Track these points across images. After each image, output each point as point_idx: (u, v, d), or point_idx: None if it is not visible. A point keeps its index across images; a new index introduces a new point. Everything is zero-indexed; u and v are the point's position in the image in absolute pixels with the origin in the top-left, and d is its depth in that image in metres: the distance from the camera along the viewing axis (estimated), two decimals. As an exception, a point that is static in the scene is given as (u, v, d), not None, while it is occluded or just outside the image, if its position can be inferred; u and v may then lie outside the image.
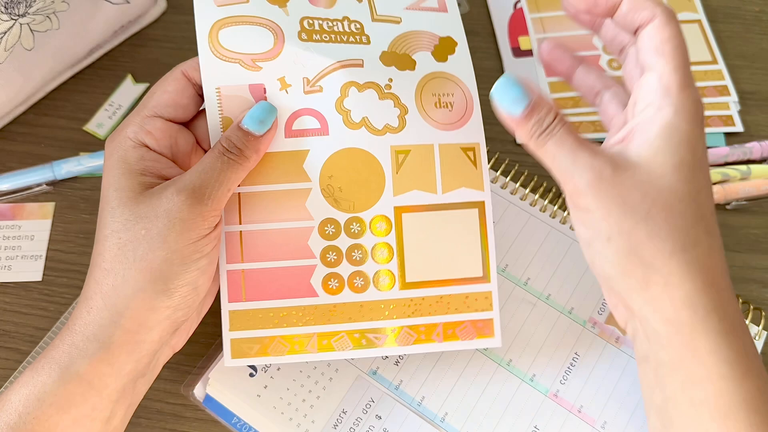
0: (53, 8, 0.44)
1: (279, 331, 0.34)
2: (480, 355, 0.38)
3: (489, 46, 0.52)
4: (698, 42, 0.50)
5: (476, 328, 0.34)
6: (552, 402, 0.37)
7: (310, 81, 0.34)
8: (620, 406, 0.37)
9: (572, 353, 0.38)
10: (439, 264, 0.34)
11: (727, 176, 0.45)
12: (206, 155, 0.32)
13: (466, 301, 0.34)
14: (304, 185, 0.33)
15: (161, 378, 0.39)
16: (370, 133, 0.33)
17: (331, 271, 0.34)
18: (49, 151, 0.47)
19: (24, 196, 0.45)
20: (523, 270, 0.40)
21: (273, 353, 0.34)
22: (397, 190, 0.34)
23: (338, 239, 0.34)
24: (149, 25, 0.52)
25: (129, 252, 0.30)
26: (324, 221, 0.34)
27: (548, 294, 0.39)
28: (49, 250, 0.43)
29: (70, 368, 0.30)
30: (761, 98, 0.50)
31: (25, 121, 0.48)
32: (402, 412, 0.36)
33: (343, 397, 0.37)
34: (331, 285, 0.34)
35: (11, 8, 0.42)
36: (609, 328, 0.39)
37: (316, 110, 0.33)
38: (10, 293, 0.42)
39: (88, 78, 0.50)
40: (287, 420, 0.36)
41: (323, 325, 0.34)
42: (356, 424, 0.36)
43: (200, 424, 0.38)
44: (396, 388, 0.37)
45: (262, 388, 0.37)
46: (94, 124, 0.48)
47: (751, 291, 0.42)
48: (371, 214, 0.34)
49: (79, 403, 0.30)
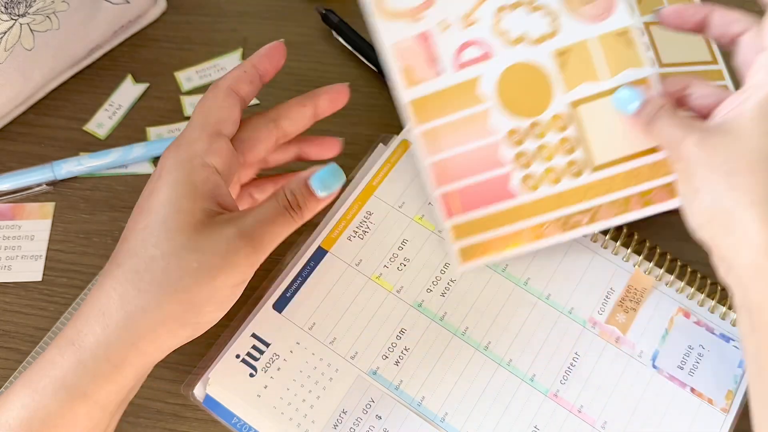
0: (53, 8, 0.44)
1: (494, 233, 0.39)
2: (480, 355, 0.38)
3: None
4: (698, 42, 0.50)
5: (668, 191, 0.37)
6: (552, 402, 0.37)
7: (466, 17, 0.38)
8: (620, 406, 0.37)
9: (572, 353, 0.38)
10: (623, 142, 0.37)
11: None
12: (267, 202, 0.32)
13: (653, 169, 0.37)
14: (482, 107, 0.38)
15: (161, 378, 0.39)
16: (529, 46, 0.37)
17: (525, 173, 0.38)
18: (49, 151, 0.47)
19: (24, 196, 0.45)
20: (523, 270, 0.40)
21: (494, 251, 0.39)
22: (567, 87, 0.37)
23: (524, 144, 0.38)
24: (149, 25, 0.52)
25: (174, 280, 0.30)
26: (508, 132, 0.38)
27: (548, 294, 0.39)
28: (49, 250, 0.43)
29: (78, 389, 0.29)
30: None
31: (25, 121, 0.48)
32: (402, 413, 0.36)
33: (343, 397, 0.37)
34: (529, 184, 0.38)
35: (11, 8, 0.42)
36: (609, 328, 0.39)
37: (477, 40, 0.38)
38: (9, 293, 0.42)
39: (88, 78, 0.50)
40: (287, 420, 0.36)
41: (530, 219, 0.38)
42: (356, 424, 0.36)
43: (200, 424, 0.38)
44: (396, 388, 0.37)
45: (262, 388, 0.37)
46: (94, 124, 0.48)
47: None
48: (549, 114, 0.38)
49: (83, 421, 0.30)
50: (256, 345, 0.37)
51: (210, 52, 0.51)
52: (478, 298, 0.39)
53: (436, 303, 0.39)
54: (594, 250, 0.40)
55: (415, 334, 0.38)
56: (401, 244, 0.40)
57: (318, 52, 0.51)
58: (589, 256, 0.40)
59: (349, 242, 0.40)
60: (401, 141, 0.43)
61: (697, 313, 0.39)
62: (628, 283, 0.39)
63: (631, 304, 0.39)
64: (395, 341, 0.38)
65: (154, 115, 0.49)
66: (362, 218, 0.41)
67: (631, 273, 0.40)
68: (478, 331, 0.38)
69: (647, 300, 0.39)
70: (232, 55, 0.51)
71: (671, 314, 0.39)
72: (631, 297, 0.39)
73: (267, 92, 0.49)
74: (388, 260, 0.40)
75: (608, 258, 0.40)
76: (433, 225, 0.41)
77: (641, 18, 0.38)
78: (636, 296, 0.39)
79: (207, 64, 0.51)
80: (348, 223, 0.41)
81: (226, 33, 0.52)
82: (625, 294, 0.39)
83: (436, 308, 0.39)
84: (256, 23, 0.52)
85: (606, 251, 0.40)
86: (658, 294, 0.39)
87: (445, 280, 0.40)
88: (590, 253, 0.40)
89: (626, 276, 0.40)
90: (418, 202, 0.41)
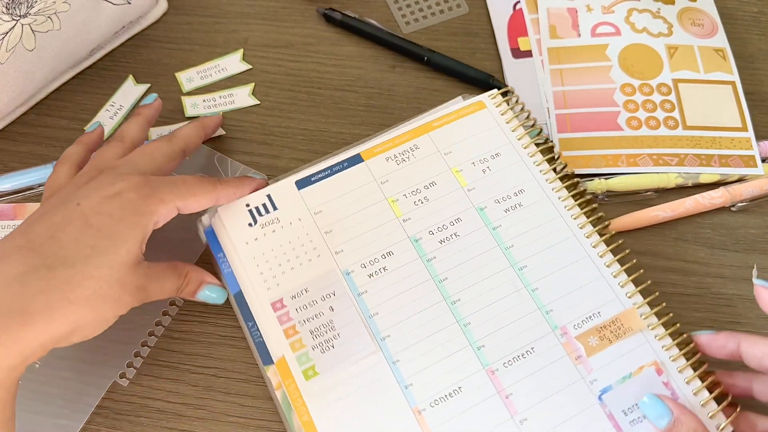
0: (54, 9, 0.44)
1: (596, 152, 0.47)
2: (444, 306, 0.39)
3: (488, 47, 0.52)
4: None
5: (743, 160, 0.46)
6: (486, 376, 0.37)
7: (606, 7, 0.53)
8: (547, 413, 0.36)
9: (529, 347, 0.38)
10: (711, 116, 0.48)
11: (726, 176, 0.45)
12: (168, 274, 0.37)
13: (732, 142, 0.47)
14: (606, 63, 0.50)
15: (162, 377, 0.39)
16: (649, 36, 0.51)
17: (631, 115, 0.48)
18: (50, 151, 0.47)
19: (26, 196, 0.45)
20: (526, 257, 0.40)
21: (593, 166, 0.46)
22: (672, 69, 0.50)
23: (635, 95, 0.49)
24: (150, 25, 0.52)
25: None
26: (623, 84, 0.49)
27: (536, 288, 0.40)
28: (51, 250, 0.44)
29: None
30: (761, 98, 0.50)
31: (26, 121, 0.48)
32: (352, 315, 0.39)
33: (313, 279, 0.40)
34: (633, 124, 0.48)
35: (13, 9, 0.42)
36: (576, 343, 0.38)
37: (611, 22, 0.52)
38: (11, 293, 0.42)
39: (90, 78, 0.50)
40: (258, 273, 0.40)
41: (630, 149, 0.47)
42: (311, 304, 0.39)
43: (200, 423, 0.39)
44: (359, 294, 0.39)
45: (252, 239, 0.41)
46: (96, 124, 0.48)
47: (749, 291, 0.43)
48: (656, 81, 0.50)
49: None
50: (266, 204, 0.42)
51: (211, 53, 0.51)
52: (471, 260, 0.40)
53: (431, 245, 0.41)
54: (602, 273, 0.40)
55: (398, 261, 0.40)
56: (429, 184, 0.43)
57: (318, 53, 0.51)
58: (595, 275, 0.40)
59: (385, 162, 0.43)
60: (478, 101, 0.46)
61: (671, 375, 0.37)
62: (616, 316, 0.39)
63: (609, 335, 0.38)
64: (379, 258, 0.40)
65: (155, 115, 0.49)
66: (408, 148, 0.44)
67: (625, 308, 0.39)
68: (453, 286, 0.40)
69: (627, 338, 0.38)
70: (233, 55, 0.51)
71: (644, 363, 0.38)
72: (613, 329, 0.38)
73: (267, 92, 0.49)
74: (410, 192, 0.42)
75: (611, 285, 0.40)
76: (467, 182, 0.43)
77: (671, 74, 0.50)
78: (618, 331, 0.38)
79: (208, 65, 0.51)
80: (393, 147, 0.44)
81: (226, 33, 0.52)
82: (608, 323, 0.38)
83: (429, 249, 0.41)
84: (257, 24, 0.53)
85: (613, 279, 0.40)
86: (642, 338, 0.38)
87: (451, 231, 0.41)
88: (597, 273, 0.40)
89: (619, 308, 0.39)
90: (463, 157, 0.43)
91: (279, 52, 0.51)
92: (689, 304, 0.43)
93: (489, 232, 0.41)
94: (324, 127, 0.49)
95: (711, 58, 0.51)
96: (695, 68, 0.50)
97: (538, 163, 0.43)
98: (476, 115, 0.45)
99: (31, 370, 0.39)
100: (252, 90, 0.50)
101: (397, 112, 0.49)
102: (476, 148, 0.44)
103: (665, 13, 0.52)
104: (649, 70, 0.50)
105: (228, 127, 0.48)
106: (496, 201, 0.42)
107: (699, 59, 0.51)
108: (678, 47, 0.51)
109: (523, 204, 0.42)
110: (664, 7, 0.53)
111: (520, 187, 0.42)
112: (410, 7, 0.54)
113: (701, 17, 0.53)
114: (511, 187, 0.42)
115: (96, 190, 0.35)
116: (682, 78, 0.50)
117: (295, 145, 0.48)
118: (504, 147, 0.44)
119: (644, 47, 0.51)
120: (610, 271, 0.40)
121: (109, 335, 0.35)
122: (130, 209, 0.35)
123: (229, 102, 0.49)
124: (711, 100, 0.49)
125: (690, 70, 0.50)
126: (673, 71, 0.50)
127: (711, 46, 0.51)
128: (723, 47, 0.51)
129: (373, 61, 0.51)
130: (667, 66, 0.50)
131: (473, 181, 0.43)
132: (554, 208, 0.42)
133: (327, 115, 0.49)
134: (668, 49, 0.51)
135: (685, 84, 0.50)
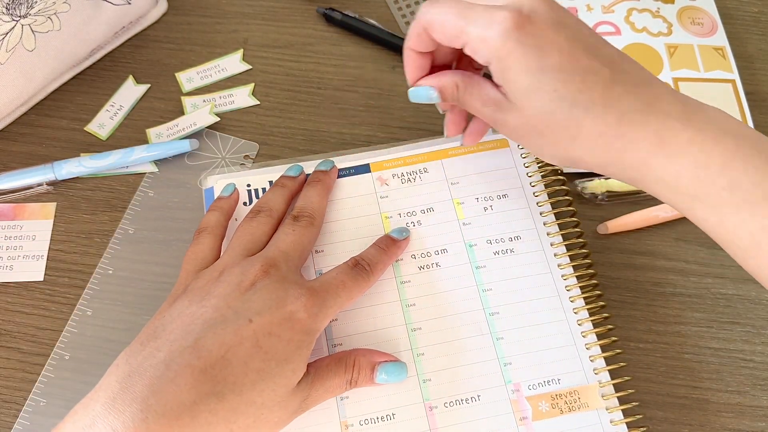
0: (54, 9, 0.44)
1: None
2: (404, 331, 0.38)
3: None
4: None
5: None
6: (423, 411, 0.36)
7: (606, 7, 0.54)
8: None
9: (476, 394, 0.37)
10: None
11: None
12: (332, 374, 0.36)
13: None
14: None
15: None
16: (649, 35, 0.52)
17: None
18: (50, 151, 0.47)
19: (26, 196, 0.45)
20: (501, 304, 0.39)
21: None
22: (672, 68, 0.51)
23: None
24: (150, 26, 0.52)
25: None
26: None
27: (501, 336, 0.38)
28: (51, 250, 0.44)
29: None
30: (761, 98, 0.50)
31: (26, 121, 0.48)
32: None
33: None
34: None
35: (13, 9, 0.42)
36: (525, 405, 0.36)
37: (611, 22, 0.53)
38: (11, 293, 0.42)
39: (90, 79, 0.50)
40: None
41: None
42: None
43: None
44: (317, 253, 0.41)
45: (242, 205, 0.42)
46: (96, 124, 0.48)
47: (749, 291, 0.43)
48: None
49: None
50: (266, 189, 0.43)
51: (211, 53, 0.51)
52: (444, 293, 0.39)
53: (409, 269, 0.40)
54: (575, 341, 0.38)
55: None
56: (427, 209, 0.42)
57: (318, 53, 0.51)
58: (567, 342, 0.38)
59: (391, 177, 0.43)
60: (500, 138, 0.44)
61: None
62: (575, 387, 0.37)
63: (562, 404, 0.36)
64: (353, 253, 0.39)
65: (156, 115, 0.49)
66: (417, 169, 0.43)
67: (588, 383, 0.37)
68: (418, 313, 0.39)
69: (580, 413, 0.36)
70: (233, 55, 0.51)
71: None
72: (569, 400, 0.37)
73: (267, 93, 0.49)
74: (406, 212, 0.42)
75: (581, 356, 0.38)
76: (464, 216, 0.42)
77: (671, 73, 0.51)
78: (573, 403, 0.37)
79: (208, 65, 0.51)
80: (403, 165, 0.44)
81: (226, 34, 0.52)
82: (565, 393, 0.37)
83: (405, 272, 0.40)
84: (257, 24, 0.53)
85: (585, 351, 0.38)
86: (595, 417, 0.36)
87: (434, 260, 0.40)
88: (570, 340, 0.38)
89: (582, 381, 0.37)
90: (469, 190, 0.42)
91: (279, 52, 0.51)
92: (689, 305, 0.43)
93: (471, 270, 0.40)
94: (324, 127, 0.49)
95: (711, 56, 0.52)
96: (695, 67, 0.51)
97: (544, 214, 0.41)
98: (497, 152, 0.44)
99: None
100: (252, 90, 0.50)
101: (397, 112, 0.49)
102: (485, 185, 0.42)
103: (665, 12, 0.53)
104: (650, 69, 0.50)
105: (228, 127, 0.48)
106: (488, 241, 0.40)
107: (699, 58, 0.51)
108: (678, 46, 0.52)
109: (516, 251, 0.40)
110: (664, 6, 0.54)
111: (518, 234, 0.41)
112: (410, 7, 0.54)
113: (701, 16, 0.53)
114: (509, 231, 0.41)
115: (268, 307, 0.34)
116: (683, 77, 0.51)
117: (295, 145, 0.48)
118: (514, 190, 0.42)
119: (644, 46, 0.52)
120: (585, 341, 0.38)
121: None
122: (299, 330, 0.34)
123: (229, 102, 0.49)
124: (711, 98, 0.49)
125: (690, 69, 0.51)
126: (673, 70, 0.51)
127: (711, 45, 0.52)
128: (722, 45, 0.52)
129: (373, 61, 0.51)
130: (667, 65, 0.51)
131: (472, 216, 0.41)
132: (547, 263, 0.40)
133: (327, 115, 0.49)
134: (668, 48, 0.52)
135: (686, 82, 0.51)
